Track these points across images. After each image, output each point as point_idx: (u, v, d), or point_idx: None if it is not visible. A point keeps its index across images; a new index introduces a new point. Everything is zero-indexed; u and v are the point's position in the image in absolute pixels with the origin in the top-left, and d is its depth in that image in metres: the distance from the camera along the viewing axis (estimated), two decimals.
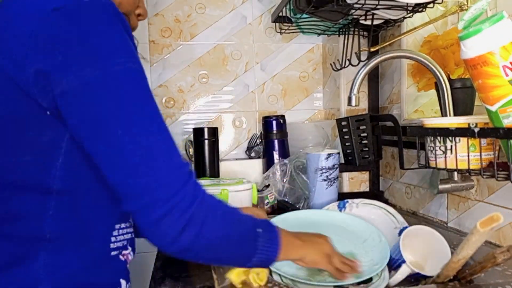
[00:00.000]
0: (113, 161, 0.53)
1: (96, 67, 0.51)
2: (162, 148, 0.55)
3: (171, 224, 0.54)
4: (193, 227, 0.55)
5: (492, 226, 0.59)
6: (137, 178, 0.53)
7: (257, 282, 0.70)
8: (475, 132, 0.72)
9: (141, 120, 0.54)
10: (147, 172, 0.53)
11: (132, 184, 0.53)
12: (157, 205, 0.53)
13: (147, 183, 0.53)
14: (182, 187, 0.55)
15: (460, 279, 0.70)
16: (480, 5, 0.69)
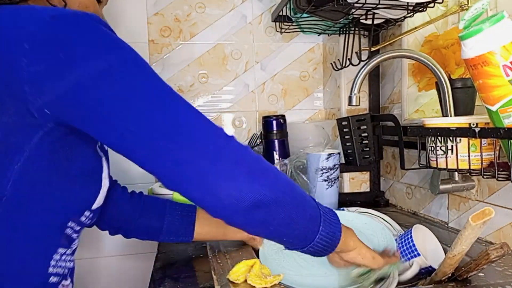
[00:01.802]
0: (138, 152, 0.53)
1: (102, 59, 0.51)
2: (188, 120, 0.53)
3: (235, 180, 0.52)
4: (258, 179, 0.53)
5: (484, 220, 0.59)
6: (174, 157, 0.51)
7: (257, 283, 0.70)
8: (476, 132, 0.72)
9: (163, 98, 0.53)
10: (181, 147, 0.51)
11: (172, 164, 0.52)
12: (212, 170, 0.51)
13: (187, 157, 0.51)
14: (225, 145, 0.53)
15: (457, 277, 0.70)
16: (480, 5, 0.69)
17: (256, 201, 0.52)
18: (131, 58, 0.53)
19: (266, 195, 0.53)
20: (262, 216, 0.54)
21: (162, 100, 0.53)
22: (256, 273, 0.72)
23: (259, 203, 0.53)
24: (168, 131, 0.51)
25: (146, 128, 0.51)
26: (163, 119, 0.52)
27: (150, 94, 0.52)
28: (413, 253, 0.76)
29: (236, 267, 0.74)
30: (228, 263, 0.83)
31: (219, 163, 0.52)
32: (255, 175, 0.53)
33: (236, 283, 0.72)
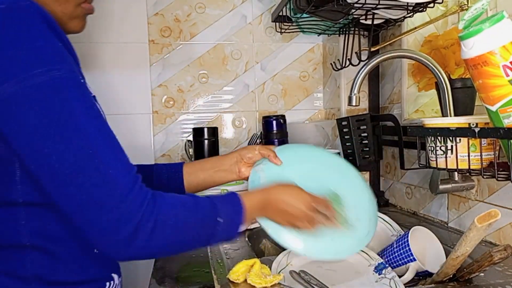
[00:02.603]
0: (47, 181, 0.52)
1: (15, 81, 0.48)
2: (95, 160, 0.52)
3: (116, 238, 0.52)
4: (139, 240, 0.54)
5: (489, 222, 0.59)
6: (72, 196, 0.51)
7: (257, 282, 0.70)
8: (476, 132, 0.72)
9: (71, 133, 0.51)
10: (82, 189, 0.51)
11: (71, 202, 0.52)
12: (100, 220, 0.52)
13: (83, 200, 0.51)
14: (124, 198, 0.53)
15: (458, 278, 0.70)
16: (480, 5, 0.69)
17: (135, 257, 0.56)
18: (42, 82, 0.50)
19: (146, 254, 0.57)
20: (147, 257, 0.59)
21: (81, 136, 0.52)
22: (256, 273, 0.72)
23: (138, 258, 0.57)
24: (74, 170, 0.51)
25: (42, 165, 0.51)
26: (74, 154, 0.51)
27: (48, 133, 0.50)
28: (409, 258, 0.76)
29: (236, 267, 0.74)
30: (228, 263, 0.83)
31: (111, 215, 0.52)
32: (138, 237, 0.54)
33: (236, 283, 0.72)
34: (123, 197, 0.52)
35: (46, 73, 0.50)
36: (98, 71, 1.51)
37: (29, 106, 0.49)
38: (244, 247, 0.93)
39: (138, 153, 1.54)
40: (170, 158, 1.57)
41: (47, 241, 0.58)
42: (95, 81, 1.50)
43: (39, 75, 0.49)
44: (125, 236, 0.52)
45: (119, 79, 1.52)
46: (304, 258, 0.82)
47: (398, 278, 0.73)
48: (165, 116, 1.57)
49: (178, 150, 1.58)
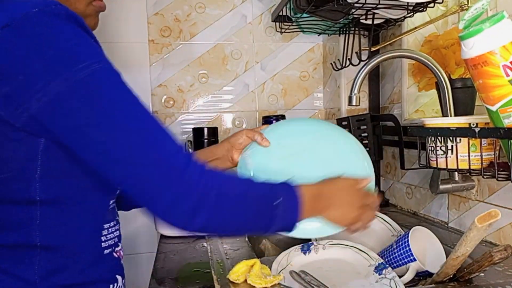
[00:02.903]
0: (106, 167, 0.54)
1: (60, 79, 0.50)
2: (149, 141, 0.54)
3: (181, 211, 0.54)
4: (203, 211, 0.55)
5: (490, 222, 0.59)
6: (133, 178, 0.53)
7: (257, 283, 0.70)
8: (476, 132, 0.72)
9: (121, 120, 0.53)
10: (141, 169, 0.53)
11: (131, 183, 0.54)
12: (162, 196, 0.53)
13: (143, 179, 0.53)
14: (182, 173, 0.54)
15: (458, 278, 0.70)
16: (480, 5, 0.69)
17: (202, 228, 0.57)
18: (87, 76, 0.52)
19: (208, 227, 0.57)
20: (209, 233, 0.61)
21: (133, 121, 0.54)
22: (256, 273, 0.72)
23: (204, 228, 0.57)
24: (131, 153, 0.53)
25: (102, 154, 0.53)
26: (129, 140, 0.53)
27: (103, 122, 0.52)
28: (409, 258, 0.76)
29: (236, 267, 0.74)
30: (228, 263, 0.83)
31: (169, 190, 0.53)
32: (201, 210, 0.55)
33: (236, 283, 0.72)
34: (181, 170, 0.54)
35: (87, 68, 0.52)
36: None
37: (78, 100, 0.51)
38: (244, 247, 0.93)
39: None
40: None
41: (57, 242, 0.59)
42: None
43: (81, 69, 0.51)
44: (190, 207, 0.54)
45: None
46: (304, 258, 0.82)
47: (398, 278, 0.73)
48: (165, 116, 1.57)
49: None
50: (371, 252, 0.81)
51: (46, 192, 0.57)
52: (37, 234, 0.57)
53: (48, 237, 0.58)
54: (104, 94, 0.53)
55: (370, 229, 0.96)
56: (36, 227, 0.57)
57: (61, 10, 0.53)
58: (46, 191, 0.57)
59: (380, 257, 0.80)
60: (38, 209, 0.57)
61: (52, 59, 0.51)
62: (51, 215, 0.58)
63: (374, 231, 0.96)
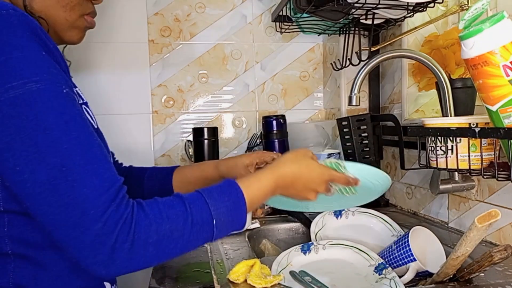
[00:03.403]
0: (22, 197, 0.50)
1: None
2: (67, 180, 0.49)
3: (94, 261, 0.51)
4: (119, 257, 0.51)
5: (490, 222, 0.59)
6: (47, 214, 0.50)
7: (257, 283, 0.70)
8: (476, 132, 0.72)
9: (43, 151, 0.49)
10: (55, 210, 0.49)
11: (44, 220, 0.50)
12: (75, 243, 0.50)
13: (57, 219, 0.50)
14: (100, 216, 0.50)
15: (458, 278, 0.70)
16: (480, 5, 0.69)
17: (117, 273, 0.54)
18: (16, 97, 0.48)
19: (129, 268, 0.54)
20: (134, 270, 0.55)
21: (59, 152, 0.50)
22: (256, 273, 0.72)
23: (121, 273, 0.54)
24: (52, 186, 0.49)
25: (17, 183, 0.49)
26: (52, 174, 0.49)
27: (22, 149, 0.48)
28: (409, 258, 0.76)
29: (236, 267, 0.74)
30: (228, 263, 0.83)
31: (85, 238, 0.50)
32: (118, 255, 0.51)
33: (236, 283, 0.72)
34: (97, 217, 0.50)
35: (21, 86, 0.48)
36: (98, 71, 1.50)
37: (2, 122, 0.48)
38: (244, 247, 0.93)
39: (138, 153, 1.54)
40: (170, 158, 1.57)
41: (30, 249, 0.56)
42: (95, 81, 1.50)
43: (15, 88, 0.48)
44: (102, 258, 0.51)
45: (119, 79, 1.52)
46: (304, 258, 0.82)
47: (398, 278, 0.73)
48: (165, 116, 1.57)
49: (178, 150, 1.58)
50: (371, 252, 0.81)
51: (9, 203, 0.55)
52: (7, 243, 0.55)
53: (18, 245, 0.56)
54: (31, 118, 0.48)
55: (370, 229, 0.96)
56: (4, 235, 0.55)
57: (13, 17, 0.49)
58: (8, 202, 0.55)
59: (380, 257, 0.80)
60: (5, 216, 0.55)
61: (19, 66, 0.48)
62: (19, 223, 0.56)
63: (374, 231, 0.96)
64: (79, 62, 1.49)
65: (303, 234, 1.10)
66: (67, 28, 0.63)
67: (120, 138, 1.52)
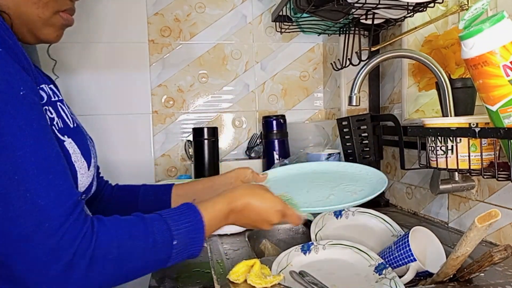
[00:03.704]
0: None
1: None
2: (19, 188, 0.47)
3: (46, 279, 0.47)
4: (75, 275, 0.48)
5: (490, 222, 0.59)
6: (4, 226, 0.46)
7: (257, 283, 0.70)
8: (476, 132, 0.72)
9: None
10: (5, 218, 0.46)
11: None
12: (29, 254, 0.47)
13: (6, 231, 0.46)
14: (56, 230, 0.47)
15: (458, 278, 0.70)
16: (480, 5, 0.69)
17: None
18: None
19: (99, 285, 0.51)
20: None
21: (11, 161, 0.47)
22: (256, 273, 0.72)
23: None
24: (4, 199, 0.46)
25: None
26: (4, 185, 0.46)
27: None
28: (409, 258, 0.76)
29: (236, 267, 0.74)
30: (228, 263, 0.83)
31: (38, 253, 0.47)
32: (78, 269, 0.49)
33: (236, 283, 0.72)
34: (52, 230, 0.47)
35: None
36: (98, 71, 1.50)
37: None
38: (244, 248, 0.93)
39: (138, 153, 1.54)
40: (170, 158, 1.57)
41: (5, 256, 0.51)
42: (95, 81, 1.50)
43: None
44: (56, 275, 0.47)
45: (119, 79, 1.52)
46: (304, 258, 0.82)
47: (398, 279, 0.73)
48: (165, 116, 1.57)
49: (178, 150, 1.58)
50: (371, 252, 0.81)
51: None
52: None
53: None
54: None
55: (370, 229, 0.96)
56: None
57: None
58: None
59: (380, 257, 0.80)
60: None
61: None
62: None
63: (374, 231, 0.96)
64: (79, 62, 1.49)
65: (303, 234, 1.10)
66: (41, 25, 0.60)
67: (120, 138, 1.52)
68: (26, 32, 0.60)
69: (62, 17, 0.62)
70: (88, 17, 1.50)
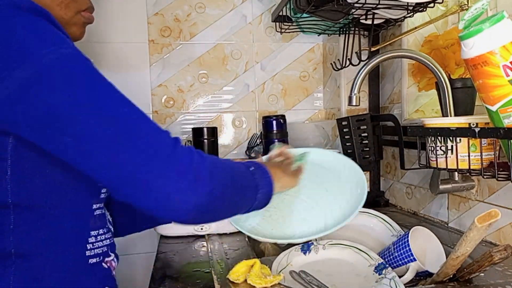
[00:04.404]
0: (86, 161, 0.50)
1: (26, 65, 0.48)
2: (135, 126, 0.52)
3: (182, 192, 0.52)
4: (203, 183, 0.53)
5: (490, 222, 0.59)
6: (120, 166, 0.50)
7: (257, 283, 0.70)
8: (476, 132, 0.72)
9: (101, 105, 0.50)
10: (128, 155, 0.50)
11: (119, 174, 0.50)
12: (158, 183, 0.51)
13: (135, 167, 0.50)
14: (172, 153, 0.52)
15: (458, 278, 0.70)
16: (480, 5, 0.69)
17: (203, 204, 0.54)
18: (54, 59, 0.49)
19: (212, 200, 0.55)
20: (209, 217, 0.59)
21: (111, 106, 0.52)
22: (256, 273, 0.72)
23: (206, 207, 0.55)
24: (115, 140, 0.50)
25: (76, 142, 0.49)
26: (111, 127, 0.50)
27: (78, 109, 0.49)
28: (409, 258, 0.76)
29: (236, 267, 0.74)
30: (228, 263, 0.83)
31: (166, 172, 0.51)
32: (201, 182, 0.54)
33: (236, 283, 0.72)
34: (171, 153, 0.52)
35: (54, 52, 0.49)
36: None
37: (47, 86, 0.48)
38: (244, 247, 0.93)
39: None
40: None
41: (33, 250, 0.55)
42: None
43: (48, 54, 0.49)
44: (189, 181, 0.52)
45: (119, 79, 1.52)
46: (304, 258, 0.82)
47: (398, 278, 0.73)
48: (165, 116, 1.57)
49: None
50: (371, 252, 0.81)
51: (19, 194, 0.53)
52: (11, 241, 0.53)
53: (23, 244, 0.54)
54: (76, 78, 0.50)
55: (370, 229, 0.96)
56: (10, 233, 0.53)
57: (24, 3, 0.51)
58: (18, 194, 0.53)
59: (380, 257, 0.80)
60: (11, 213, 0.53)
61: (16, 48, 0.48)
62: (26, 219, 0.54)
63: (374, 231, 0.96)
64: None
65: None
66: (65, 25, 0.63)
67: None
68: None
69: (83, 16, 0.66)
70: None
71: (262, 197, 0.67)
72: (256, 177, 0.66)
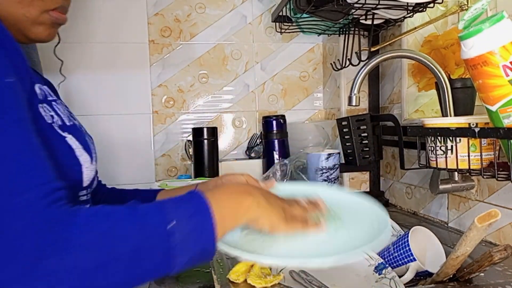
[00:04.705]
0: None
1: None
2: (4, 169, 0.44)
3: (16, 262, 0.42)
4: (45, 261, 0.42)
5: (490, 222, 0.59)
6: None
7: (257, 282, 0.70)
8: (476, 132, 0.72)
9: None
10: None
11: None
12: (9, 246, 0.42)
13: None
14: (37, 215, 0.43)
15: (458, 278, 0.70)
16: (480, 5, 0.69)
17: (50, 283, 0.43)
18: None
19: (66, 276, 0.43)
20: None
21: None
22: (256, 273, 0.72)
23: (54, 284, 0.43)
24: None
25: None
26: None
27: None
28: (409, 258, 0.76)
29: (236, 267, 0.74)
30: (228, 263, 0.83)
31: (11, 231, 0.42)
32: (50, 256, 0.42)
33: (236, 283, 0.72)
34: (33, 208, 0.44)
35: None
36: (98, 71, 1.50)
37: None
38: None
39: (138, 153, 1.54)
40: (170, 158, 1.57)
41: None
42: (95, 81, 1.50)
43: None
44: (28, 254, 0.42)
45: (120, 79, 1.52)
46: None
47: (398, 278, 0.73)
48: (165, 116, 1.57)
49: (178, 150, 1.58)
50: (371, 252, 0.81)
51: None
52: None
53: None
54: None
55: None
56: None
57: None
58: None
59: (380, 257, 0.80)
60: None
61: None
62: None
63: None
64: (79, 63, 1.49)
65: None
66: (29, 25, 0.59)
67: (120, 138, 1.52)
68: (15, 32, 0.59)
69: (51, 16, 0.61)
70: (88, 18, 1.50)
71: (186, 262, 0.49)
72: (173, 239, 0.47)
